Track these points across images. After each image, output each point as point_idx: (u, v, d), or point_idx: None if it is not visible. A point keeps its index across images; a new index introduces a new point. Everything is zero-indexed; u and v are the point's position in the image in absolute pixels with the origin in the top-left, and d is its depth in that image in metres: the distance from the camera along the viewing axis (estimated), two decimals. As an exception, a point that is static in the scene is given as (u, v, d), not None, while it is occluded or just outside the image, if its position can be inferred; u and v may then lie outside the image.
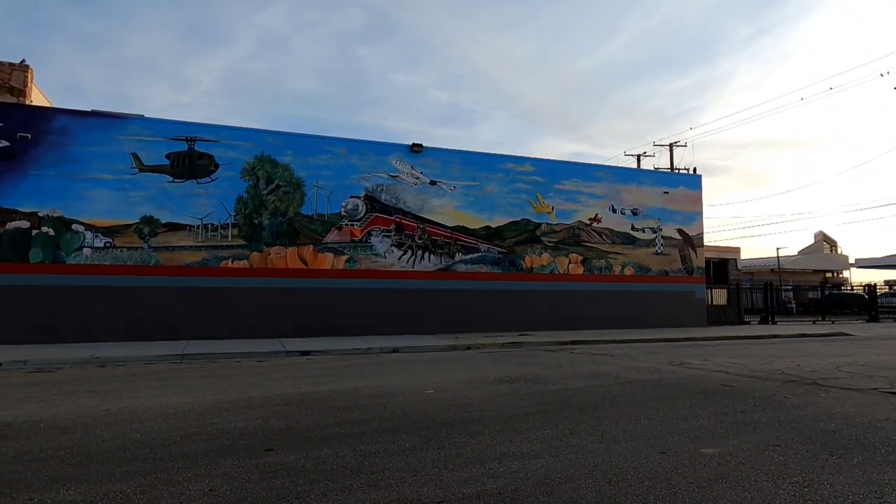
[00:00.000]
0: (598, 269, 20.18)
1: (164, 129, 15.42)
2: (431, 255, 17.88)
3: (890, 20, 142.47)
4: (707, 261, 22.98)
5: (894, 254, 41.12)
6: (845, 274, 59.31)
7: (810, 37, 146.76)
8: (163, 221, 15.12)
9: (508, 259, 18.92)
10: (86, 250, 14.45)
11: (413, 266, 17.61)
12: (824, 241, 62.99)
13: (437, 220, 18.02)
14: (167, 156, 15.35)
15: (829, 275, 56.59)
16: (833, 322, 25.42)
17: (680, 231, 21.87)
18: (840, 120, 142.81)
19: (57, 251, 14.22)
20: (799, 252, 60.70)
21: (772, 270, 48.20)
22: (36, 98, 17.64)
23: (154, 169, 15.20)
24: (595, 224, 20.36)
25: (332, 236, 16.77)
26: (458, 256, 18.22)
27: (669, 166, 36.07)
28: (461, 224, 18.34)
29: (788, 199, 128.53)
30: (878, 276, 48.03)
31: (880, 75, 52.49)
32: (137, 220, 14.92)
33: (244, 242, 15.86)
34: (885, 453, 4.37)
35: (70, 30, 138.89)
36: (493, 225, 18.80)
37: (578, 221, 20.11)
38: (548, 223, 19.62)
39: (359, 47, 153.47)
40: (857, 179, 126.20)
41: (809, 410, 5.97)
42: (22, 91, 16.83)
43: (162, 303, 14.86)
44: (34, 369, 9.88)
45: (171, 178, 15.32)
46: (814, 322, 25.35)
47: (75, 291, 14.20)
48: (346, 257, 16.84)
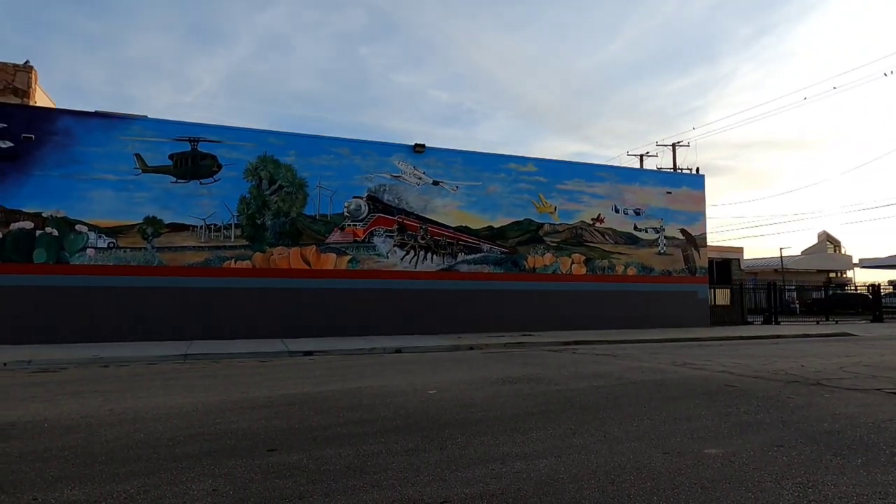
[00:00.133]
0: (601, 270, 20.16)
1: (167, 129, 15.47)
2: (434, 256, 17.89)
3: (890, 20, 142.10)
4: (710, 261, 22.95)
5: (898, 254, 40.95)
6: (849, 274, 59.18)
7: (811, 37, 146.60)
8: (166, 222, 15.16)
9: (511, 259, 18.92)
10: (89, 251, 14.50)
11: (416, 266, 17.62)
12: (828, 241, 62.83)
13: (439, 221, 18.03)
14: (170, 156, 15.39)
15: (832, 275, 56.42)
16: (837, 322, 25.33)
17: (683, 231, 21.84)
18: (844, 119, 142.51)
19: (60, 252, 14.27)
20: (802, 252, 60.58)
21: (775, 270, 48.09)
22: (40, 99, 17.68)
23: (157, 169, 15.24)
24: (598, 224, 20.34)
25: (335, 237, 16.79)
26: (461, 257, 18.22)
27: (672, 166, 35.99)
28: (464, 224, 18.35)
29: (792, 198, 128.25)
30: (882, 276, 47.80)
31: (884, 74, 52.28)
32: (141, 221, 14.96)
33: (247, 243, 15.89)
34: (889, 454, 4.35)
35: (72, 30, 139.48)
36: (496, 225, 18.80)
37: (581, 221, 20.10)
38: (550, 223, 19.61)
39: (360, 47, 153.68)
40: (860, 179, 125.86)
41: (813, 411, 5.95)
42: (26, 92, 16.87)
43: (165, 303, 14.89)
44: (38, 369, 9.91)
45: (174, 179, 15.36)
46: (817, 322, 25.28)
47: (79, 292, 14.24)
48: (348, 257, 16.86)
